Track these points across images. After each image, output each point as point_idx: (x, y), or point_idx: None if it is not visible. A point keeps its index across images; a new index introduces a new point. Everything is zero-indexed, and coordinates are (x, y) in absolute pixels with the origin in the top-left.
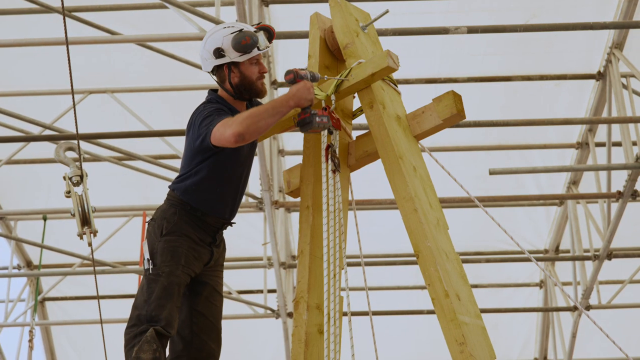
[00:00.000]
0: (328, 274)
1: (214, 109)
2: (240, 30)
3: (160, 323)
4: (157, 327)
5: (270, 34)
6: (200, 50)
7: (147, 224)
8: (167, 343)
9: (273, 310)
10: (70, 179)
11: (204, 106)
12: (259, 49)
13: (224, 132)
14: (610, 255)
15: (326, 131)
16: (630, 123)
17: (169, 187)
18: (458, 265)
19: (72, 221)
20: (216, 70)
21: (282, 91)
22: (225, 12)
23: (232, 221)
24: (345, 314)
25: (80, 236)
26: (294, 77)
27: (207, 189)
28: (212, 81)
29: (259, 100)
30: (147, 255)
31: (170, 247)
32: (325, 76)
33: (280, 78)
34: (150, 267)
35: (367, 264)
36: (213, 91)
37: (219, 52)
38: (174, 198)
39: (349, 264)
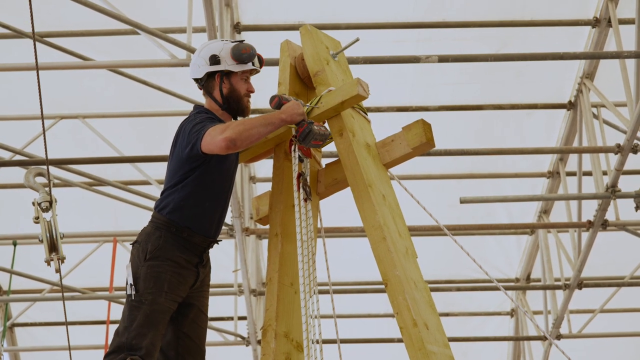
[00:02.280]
0: (306, 305)
1: (205, 117)
2: (242, 41)
3: (139, 352)
4: (136, 356)
5: (260, 62)
6: (193, 58)
7: (131, 246)
8: None
9: (243, 338)
10: (39, 204)
11: (194, 115)
12: (253, 64)
13: (215, 136)
14: (581, 284)
15: (297, 160)
16: (600, 153)
17: (154, 208)
18: (427, 294)
19: (42, 247)
20: (206, 79)
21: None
22: (196, 39)
23: (217, 239)
24: (316, 341)
25: (48, 262)
26: (279, 100)
27: (195, 204)
28: (184, 107)
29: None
30: (130, 280)
31: (154, 273)
32: (308, 104)
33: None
34: (133, 292)
35: (337, 291)
36: (200, 105)
37: (215, 59)
38: (159, 220)
39: (318, 292)
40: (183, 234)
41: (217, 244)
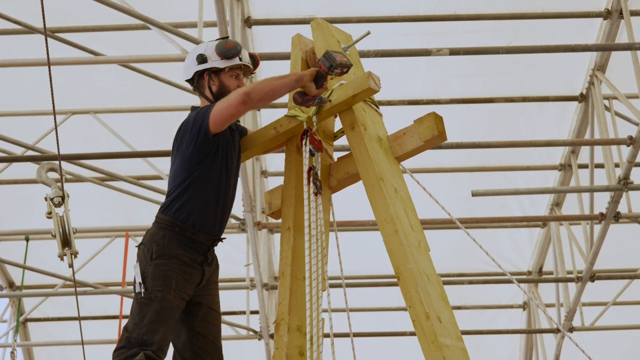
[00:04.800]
0: (311, 298)
1: (204, 110)
2: (226, 38)
3: (151, 347)
4: (148, 351)
5: (255, 61)
6: (185, 61)
7: (137, 248)
8: None
9: (255, 332)
10: (51, 199)
11: (194, 114)
12: (240, 60)
13: (229, 98)
14: (593, 277)
15: (308, 153)
16: (612, 145)
17: (159, 209)
18: (439, 287)
19: (54, 242)
20: (197, 79)
21: (265, 113)
22: (207, 33)
23: (222, 237)
24: (327, 335)
25: (61, 257)
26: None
27: (198, 202)
28: (195, 102)
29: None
30: (138, 279)
31: (161, 272)
32: (329, 99)
33: None
34: (142, 290)
35: (349, 285)
36: (196, 107)
37: (201, 57)
38: (163, 220)
39: (331, 286)
40: (187, 233)
41: (222, 241)
